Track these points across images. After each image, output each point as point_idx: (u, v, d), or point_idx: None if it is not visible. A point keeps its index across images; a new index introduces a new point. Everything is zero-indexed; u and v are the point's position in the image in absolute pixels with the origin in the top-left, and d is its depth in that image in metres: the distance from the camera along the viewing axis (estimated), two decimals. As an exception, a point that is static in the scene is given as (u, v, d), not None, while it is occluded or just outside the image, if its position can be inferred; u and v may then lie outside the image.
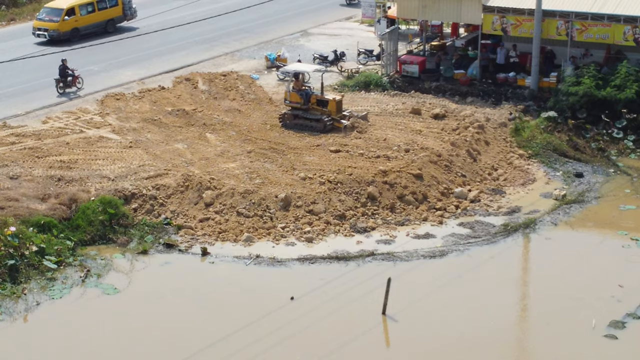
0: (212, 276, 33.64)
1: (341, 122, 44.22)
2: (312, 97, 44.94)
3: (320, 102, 44.80)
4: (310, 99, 44.89)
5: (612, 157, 43.10)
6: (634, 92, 44.26)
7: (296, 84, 45.42)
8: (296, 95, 44.95)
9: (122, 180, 38.50)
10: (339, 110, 44.66)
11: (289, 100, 45.24)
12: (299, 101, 44.86)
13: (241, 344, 29.09)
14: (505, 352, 29.16)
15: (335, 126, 44.25)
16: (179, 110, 46.53)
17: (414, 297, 31.73)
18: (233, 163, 40.52)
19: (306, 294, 31.95)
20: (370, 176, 38.89)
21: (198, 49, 57.41)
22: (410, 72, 51.53)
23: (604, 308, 30.90)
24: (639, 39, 46.49)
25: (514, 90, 48.95)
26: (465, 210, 38.25)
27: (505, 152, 43.45)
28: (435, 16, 52.63)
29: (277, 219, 36.89)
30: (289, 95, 45.22)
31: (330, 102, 44.53)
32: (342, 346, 29.08)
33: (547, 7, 47.48)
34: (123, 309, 31.40)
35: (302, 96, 44.83)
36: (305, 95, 44.91)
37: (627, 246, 35.36)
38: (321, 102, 44.79)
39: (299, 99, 44.85)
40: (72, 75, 49.25)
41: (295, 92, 45.03)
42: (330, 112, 44.47)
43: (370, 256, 34.63)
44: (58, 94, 48.67)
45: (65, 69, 48.98)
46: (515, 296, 32.69)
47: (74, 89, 49.29)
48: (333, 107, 44.43)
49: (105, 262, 34.24)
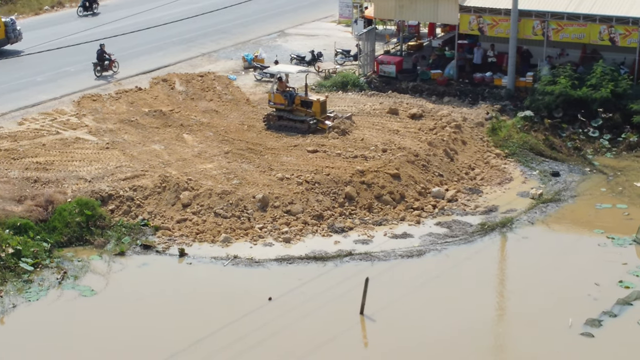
0: (189, 277, 33.57)
1: (325, 123, 44.16)
2: (296, 98, 44.81)
3: (304, 103, 44.67)
4: (295, 100, 44.75)
5: (588, 156, 43.33)
6: (609, 92, 44.51)
7: (280, 85, 45.22)
8: (280, 97, 44.78)
9: (99, 182, 38.37)
10: (324, 111, 44.58)
11: (273, 102, 45.05)
12: (283, 102, 44.70)
13: (219, 344, 29.04)
14: (483, 351, 29.23)
15: (319, 127, 44.19)
16: (156, 111, 46.41)
17: (391, 296, 31.77)
18: (210, 164, 40.46)
19: (284, 294, 31.94)
20: (347, 176, 38.92)
21: (175, 50, 57.29)
22: (387, 72, 51.62)
23: (581, 306, 31.03)
24: (614, 39, 46.77)
25: (490, 90, 49.13)
26: (442, 210, 38.34)
27: (482, 151, 43.60)
28: (412, 16, 52.74)
29: (255, 219, 36.86)
30: (272, 97, 45.03)
31: (315, 103, 44.43)
32: (320, 346, 29.08)
33: (523, 7, 47.70)
34: (100, 311, 31.27)
35: (286, 97, 44.67)
36: (289, 96, 44.74)
37: (604, 245, 35.55)
38: (305, 103, 44.66)
39: (283, 100, 44.69)
40: (109, 60, 52.32)
41: (279, 94, 44.84)
42: (315, 113, 44.37)
43: (348, 256, 34.66)
44: (96, 76, 51.73)
45: (103, 53, 51.93)
46: (493, 295, 32.80)
47: (110, 72, 52.36)
48: (317, 108, 44.34)
49: (82, 263, 34.11)
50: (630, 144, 43.76)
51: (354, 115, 46.02)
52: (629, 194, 39.75)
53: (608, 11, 46.92)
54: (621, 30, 46.51)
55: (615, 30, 46.57)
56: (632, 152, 43.56)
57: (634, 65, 47.25)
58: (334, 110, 45.72)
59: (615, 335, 29.49)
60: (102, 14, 66.39)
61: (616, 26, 46.51)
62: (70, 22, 63.73)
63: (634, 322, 30.21)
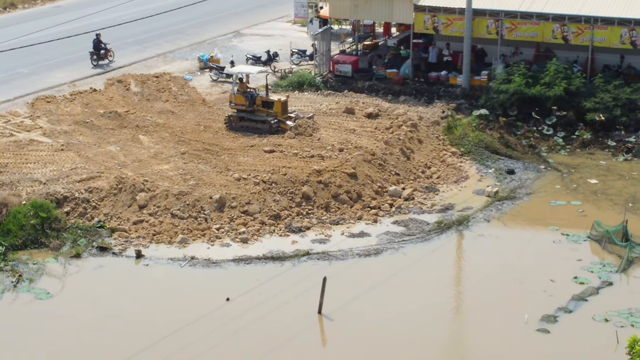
0: (146, 279, 33.42)
1: (287, 123, 44.02)
2: (257, 98, 44.52)
3: (265, 103, 44.44)
4: (256, 100, 44.46)
5: (543, 154, 43.72)
6: (562, 90, 44.95)
7: (241, 86, 44.97)
8: (241, 98, 44.52)
9: (54, 184, 38.06)
10: (285, 112, 44.42)
11: (234, 103, 44.79)
12: (244, 103, 44.45)
13: (177, 345, 28.94)
14: (440, 349, 29.39)
15: (281, 127, 44.03)
16: (111, 113, 46.11)
17: (349, 296, 31.82)
18: (167, 165, 40.29)
19: (242, 294, 31.89)
20: (304, 176, 38.94)
21: (130, 51, 56.95)
22: (343, 71, 51.71)
23: (537, 303, 31.30)
24: (567, 37, 47.25)
25: (446, 89, 49.39)
26: (399, 209, 38.49)
27: (438, 150, 43.82)
28: (367, 16, 52.92)
29: (212, 220, 36.77)
30: (234, 98, 44.78)
31: (276, 103, 44.26)
32: (279, 346, 29.08)
33: (477, 6, 48.03)
34: (56, 314, 31.04)
35: (247, 98, 44.41)
36: (250, 97, 44.48)
37: (558, 241, 35.88)
38: (266, 103, 44.43)
39: (244, 101, 44.43)
40: (105, 49, 53.84)
41: (240, 95, 44.61)
42: (276, 114, 44.17)
43: (305, 256, 34.68)
44: (92, 65, 53.23)
45: (99, 43, 53.46)
46: (449, 293, 32.98)
47: (106, 61, 53.83)
48: (279, 108, 44.15)
49: (37, 266, 33.81)
50: (583, 141, 44.22)
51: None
52: (583, 191, 40.16)
53: (561, 10, 47.44)
54: (574, 28, 47.01)
55: (568, 28, 47.07)
56: (586, 149, 44.02)
57: (587, 63, 47.78)
58: (295, 110, 45.69)
59: (570, 331, 29.80)
60: (57, 15, 65.74)
61: (569, 25, 47.01)
62: (23, 24, 63.06)
63: (589, 317, 30.53)
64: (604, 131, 44.71)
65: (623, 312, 30.68)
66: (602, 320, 30.28)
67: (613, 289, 32.37)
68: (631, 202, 38.87)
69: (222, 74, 52.14)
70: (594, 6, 47.44)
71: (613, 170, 42.03)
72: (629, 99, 44.64)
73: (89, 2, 67.12)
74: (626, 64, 48.12)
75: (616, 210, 37.96)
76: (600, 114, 44.48)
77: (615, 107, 44.45)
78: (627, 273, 33.47)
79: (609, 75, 46.70)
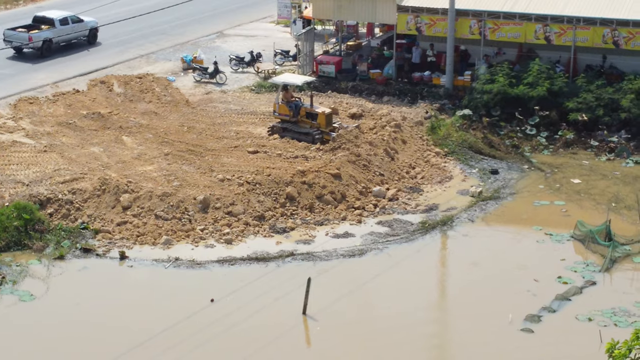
0: (130, 280, 33.35)
1: (330, 134, 42.69)
2: (301, 109, 43.42)
3: (309, 115, 43.24)
4: (300, 111, 43.40)
5: (526, 154, 43.85)
6: (545, 90, 45.10)
7: (285, 96, 43.75)
8: (285, 108, 43.37)
9: (37, 185, 37.92)
10: (329, 124, 43.02)
11: (278, 112, 43.69)
12: (287, 114, 43.30)
13: (162, 347, 28.89)
14: (424, 349, 29.45)
15: (325, 138, 42.83)
16: (94, 114, 45.97)
17: (334, 296, 31.85)
18: (150, 166, 40.21)
19: (226, 295, 31.88)
20: (288, 176, 38.94)
21: (113, 52, 56.77)
22: (326, 72, 51.71)
23: (520, 302, 31.42)
24: (549, 37, 47.41)
25: (429, 89, 49.45)
26: (383, 209, 38.54)
27: (422, 150, 43.88)
28: (350, 16, 52.95)
29: (196, 221, 36.72)
30: (277, 107, 43.65)
31: (320, 115, 42.94)
32: (263, 347, 29.08)
33: (460, 7, 48.13)
34: (40, 316, 30.94)
35: (292, 108, 43.33)
36: (294, 107, 43.38)
37: (542, 241, 36.01)
38: (311, 115, 43.24)
39: (288, 111, 43.31)
40: None
41: (284, 104, 43.48)
42: (320, 125, 43.04)
43: (289, 256, 34.68)
44: None
45: None
46: (434, 293, 33.08)
47: None
48: (322, 120, 42.86)
49: (20, 268, 33.67)
50: (566, 141, 44.37)
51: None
52: (566, 190, 40.31)
53: (543, 10, 47.60)
54: (556, 29, 47.18)
55: (551, 29, 47.23)
56: (569, 149, 44.17)
57: (569, 63, 47.96)
58: (339, 120, 44.50)
59: (554, 331, 29.91)
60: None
61: (551, 25, 47.17)
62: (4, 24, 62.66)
63: (573, 317, 30.66)
64: (587, 131, 44.87)
65: (606, 311, 30.83)
66: (586, 320, 30.42)
67: (596, 289, 32.53)
68: (614, 201, 39.04)
69: (205, 74, 52.06)
70: (576, 6, 47.62)
71: (596, 170, 42.21)
72: (612, 99, 44.82)
73: (72, 3, 66.80)
74: (608, 63, 48.34)
75: (599, 209, 38.13)
76: (583, 114, 44.65)
77: (597, 107, 44.62)
78: (610, 272, 33.64)
79: (592, 75, 46.90)
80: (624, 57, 47.55)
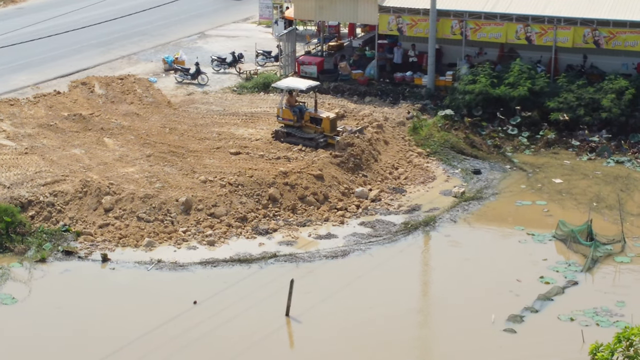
0: (113, 282, 33.24)
1: (334, 138, 42.36)
2: (305, 114, 43.07)
3: (314, 119, 42.94)
4: (304, 116, 43.07)
5: (508, 154, 43.96)
6: (526, 90, 45.24)
7: (289, 100, 43.42)
8: (289, 112, 43.05)
9: (18, 188, 37.73)
10: (333, 129, 42.64)
11: (282, 117, 43.35)
12: (291, 118, 42.96)
13: (145, 349, 28.82)
14: (408, 349, 29.47)
15: (329, 143, 42.53)
16: (75, 115, 45.79)
17: (317, 297, 31.85)
18: (132, 167, 40.09)
19: (209, 297, 31.81)
20: (271, 178, 38.90)
21: (94, 53, 56.61)
22: (308, 72, 51.67)
23: (503, 303, 31.49)
24: (530, 37, 47.57)
25: (411, 90, 49.51)
26: (366, 210, 38.56)
27: (405, 150, 43.92)
28: (332, 17, 52.96)
29: (179, 222, 36.64)
30: (281, 112, 43.31)
31: (324, 120, 42.61)
32: (247, 349, 29.05)
33: (441, 7, 48.22)
34: (22, 319, 30.79)
35: (296, 113, 43.00)
36: (298, 111, 43.07)
37: (524, 241, 36.11)
38: (315, 119, 42.94)
39: (292, 116, 42.97)
40: None
41: (288, 109, 43.18)
42: (324, 130, 42.71)
43: (272, 258, 34.66)
44: None
45: None
46: (416, 294, 33.10)
47: None
48: (327, 125, 42.52)
49: (2, 271, 33.51)
50: (548, 141, 44.51)
51: (276, 116, 45.93)
52: (548, 190, 40.44)
53: (524, 10, 47.77)
54: (537, 29, 47.34)
55: (532, 29, 47.39)
56: (550, 149, 44.31)
57: (550, 63, 48.12)
58: (344, 126, 44.14)
59: (537, 331, 29.99)
60: (19, 17, 65.21)
61: (532, 25, 47.33)
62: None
63: (555, 317, 30.75)
64: (568, 131, 45.04)
65: (588, 311, 30.94)
66: (568, 320, 30.52)
67: (578, 288, 32.64)
68: (595, 201, 39.19)
69: (187, 75, 51.97)
70: (557, 6, 47.79)
71: (577, 170, 42.36)
72: (593, 99, 44.99)
73: (52, 4, 66.64)
74: (589, 63, 48.54)
75: (580, 209, 38.27)
76: (564, 114, 44.82)
77: (578, 107, 44.80)
78: (592, 272, 33.75)
79: (573, 75, 47.08)
80: (605, 56, 47.79)
